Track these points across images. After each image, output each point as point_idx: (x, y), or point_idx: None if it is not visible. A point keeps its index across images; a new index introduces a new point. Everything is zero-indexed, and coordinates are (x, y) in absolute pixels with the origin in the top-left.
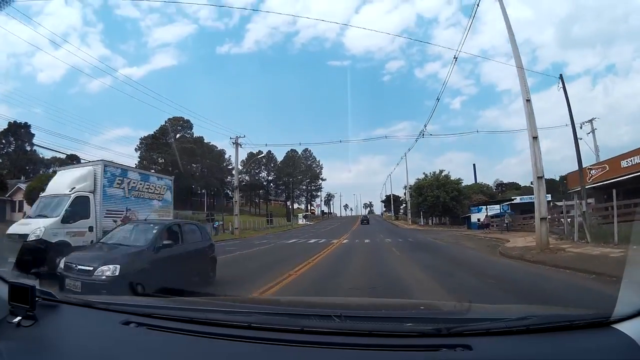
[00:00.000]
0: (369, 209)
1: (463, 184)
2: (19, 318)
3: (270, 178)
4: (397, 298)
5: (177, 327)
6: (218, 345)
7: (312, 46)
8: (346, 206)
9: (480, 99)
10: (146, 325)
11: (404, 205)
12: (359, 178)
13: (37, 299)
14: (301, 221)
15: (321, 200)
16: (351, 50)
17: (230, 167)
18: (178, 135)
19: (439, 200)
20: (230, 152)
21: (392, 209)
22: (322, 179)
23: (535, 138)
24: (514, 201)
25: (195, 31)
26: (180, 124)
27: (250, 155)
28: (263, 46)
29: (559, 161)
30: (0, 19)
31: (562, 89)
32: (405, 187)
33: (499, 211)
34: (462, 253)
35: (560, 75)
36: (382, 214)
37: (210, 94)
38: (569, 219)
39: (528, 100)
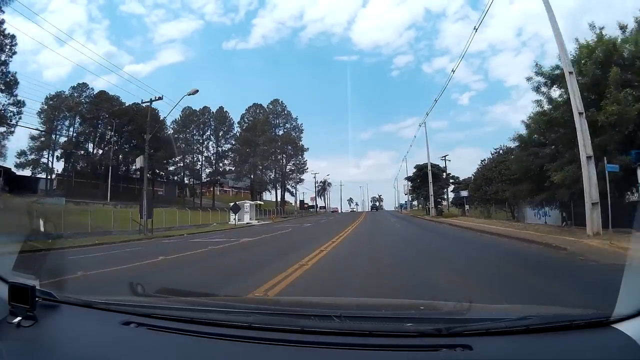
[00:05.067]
0: (377, 202)
1: None
2: (19, 318)
3: (224, 148)
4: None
5: (177, 327)
6: (218, 346)
7: (319, 41)
8: (350, 200)
9: (489, 94)
10: (146, 325)
11: (470, 184)
12: (365, 174)
13: (37, 299)
14: (247, 217)
15: (295, 185)
16: (358, 45)
17: (158, 129)
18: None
19: None
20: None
21: (431, 193)
22: (304, 149)
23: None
24: None
25: (201, 27)
26: None
27: (188, 112)
28: (270, 41)
29: None
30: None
31: None
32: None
33: None
34: None
35: None
36: (401, 207)
37: (215, 89)
38: None
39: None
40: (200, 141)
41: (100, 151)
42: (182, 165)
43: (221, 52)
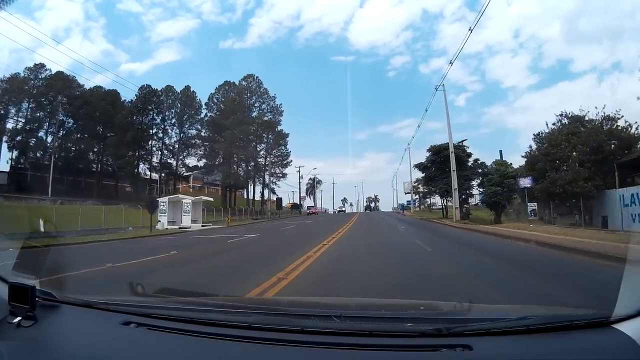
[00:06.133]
0: (372, 202)
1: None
2: (19, 318)
3: (191, 134)
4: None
5: (177, 327)
6: (218, 346)
7: (316, 41)
8: (344, 200)
9: (485, 96)
10: (146, 325)
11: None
12: (362, 175)
13: (37, 299)
14: (187, 219)
15: (276, 181)
16: (355, 46)
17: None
18: None
19: None
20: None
21: (455, 187)
22: (285, 135)
23: None
24: None
25: (199, 26)
26: None
27: (147, 91)
28: (267, 41)
29: None
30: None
31: None
32: None
33: None
34: None
35: None
36: (402, 207)
37: (211, 89)
38: None
39: None
40: (163, 127)
41: (57, 140)
42: (136, 155)
43: (218, 52)
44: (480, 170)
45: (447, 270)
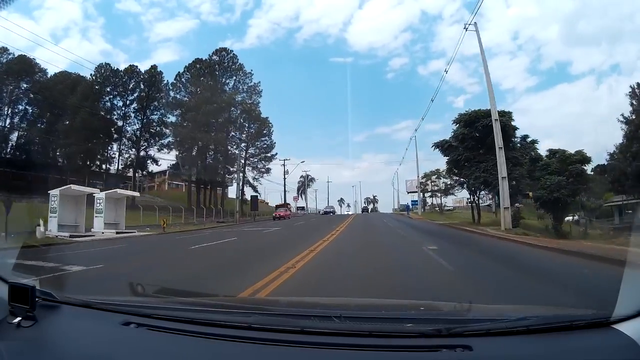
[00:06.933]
0: (371, 203)
1: None
2: (19, 318)
3: (153, 118)
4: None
5: (177, 328)
6: (218, 346)
7: (314, 42)
8: (341, 200)
9: (484, 98)
10: (146, 325)
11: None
12: (360, 177)
13: (37, 299)
14: (99, 222)
15: (258, 177)
16: (354, 47)
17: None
18: None
19: None
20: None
21: (503, 175)
22: (264, 119)
23: None
24: None
25: (197, 26)
26: None
27: (106, 72)
28: (266, 42)
29: None
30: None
31: None
32: None
33: None
34: None
35: None
36: (407, 208)
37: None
38: None
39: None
40: (124, 113)
41: (9, 129)
42: (88, 144)
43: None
44: (532, 152)
45: None
